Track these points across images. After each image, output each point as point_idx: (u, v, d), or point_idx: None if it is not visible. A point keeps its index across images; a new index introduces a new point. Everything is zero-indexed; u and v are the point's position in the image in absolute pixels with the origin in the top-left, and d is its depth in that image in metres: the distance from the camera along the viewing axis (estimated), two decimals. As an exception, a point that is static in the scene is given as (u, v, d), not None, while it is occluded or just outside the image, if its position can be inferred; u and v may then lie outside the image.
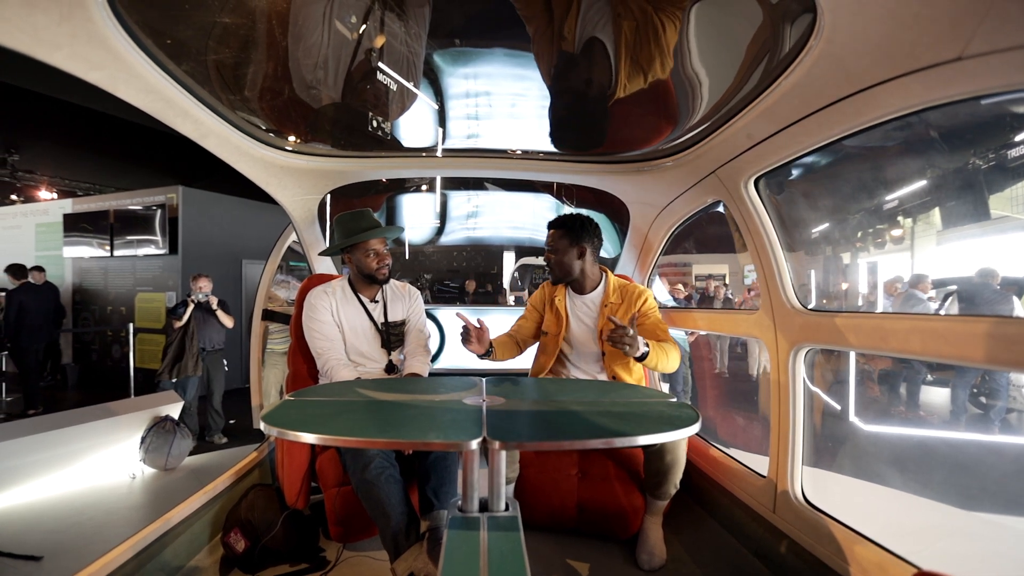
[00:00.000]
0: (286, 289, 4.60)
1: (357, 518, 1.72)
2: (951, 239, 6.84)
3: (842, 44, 0.89)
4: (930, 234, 7.30)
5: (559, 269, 1.97)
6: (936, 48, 0.80)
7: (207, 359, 4.58)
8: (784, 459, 1.53)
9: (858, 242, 7.70)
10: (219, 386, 4.70)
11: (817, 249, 8.03)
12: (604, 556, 1.74)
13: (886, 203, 7.18)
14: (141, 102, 1.14)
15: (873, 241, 7.41)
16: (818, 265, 7.96)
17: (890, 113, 0.96)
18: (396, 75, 1.63)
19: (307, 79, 1.53)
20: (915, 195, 6.76)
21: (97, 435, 3.09)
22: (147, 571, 1.40)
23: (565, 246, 1.95)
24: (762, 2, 1.02)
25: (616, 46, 1.30)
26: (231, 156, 1.61)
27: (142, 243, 6.78)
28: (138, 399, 3.66)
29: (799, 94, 1.08)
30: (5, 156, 8.12)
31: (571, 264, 1.95)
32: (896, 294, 5.83)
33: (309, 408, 1.26)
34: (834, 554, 1.31)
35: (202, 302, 4.42)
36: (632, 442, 1.03)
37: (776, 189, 1.92)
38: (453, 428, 1.10)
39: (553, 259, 1.97)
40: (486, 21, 1.42)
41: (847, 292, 7.76)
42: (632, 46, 1.27)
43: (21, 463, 2.76)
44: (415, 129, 2.05)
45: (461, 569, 0.94)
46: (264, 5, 1.16)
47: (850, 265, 8.04)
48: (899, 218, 7.04)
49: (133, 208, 6.90)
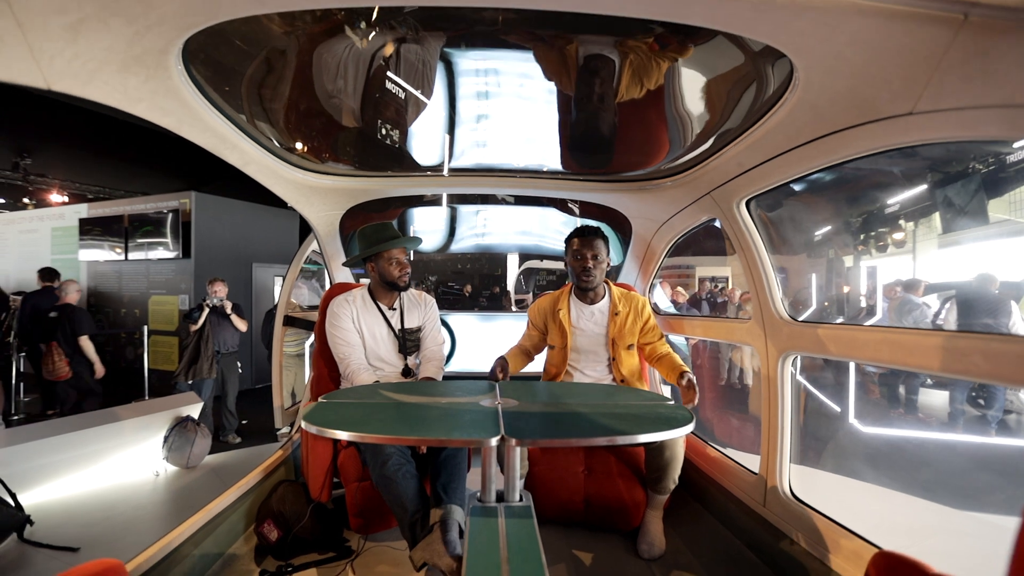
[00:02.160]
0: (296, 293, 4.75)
1: (375, 511, 1.87)
2: (950, 243, 6.98)
3: (816, 94, 1.03)
4: (930, 238, 7.43)
5: (599, 276, 2.02)
6: (893, 104, 0.93)
7: (222, 362, 4.73)
8: (773, 457, 1.66)
9: (860, 245, 7.83)
10: (233, 388, 4.84)
11: (819, 252, 8.18)
12: (608, 546, 1.87)
13: (883, 209, 7.32)
14: (198, 139, 1.30)
15: (875, 244, 7.53)
16: (819, 268, 8.09)
17: (858, 153, 1.10)
18: (412, 94, 1.78)
19: (332, 111, 1.69)
20: (914, 200, 6.89)
21: (123, 435, 3.24)
22: (193, 556, 1.54)
23: (605, 255, 2.02)
24: (745, 51, 1.16)
25: (617, 85, 1.45)
26: (267, 179, 1.77)
27: (156, 247, 6.95)
28: (160, 400, 3.81)
29: (782, 131, 1.22)
30: (18, 160, 8.31)
31: (604, 272, 2.05)
32: (894, 297, 5.94)
33: (342, 410, 1.41)
34: (817, 543, 1.44)
35: (217, 306, 4.56)
36: (633, 440, 1.17)
37: (774, 204, 2.03)
38: (474, 427, 1.24)
39: (596, 266, 2.00)
40: (499, 57, 1.56)
41: (841, 295, 7.89)
42: (632, 85, 1.42)
43: (53, 460, 2.92)
44: (429, 151, 2.20)
45: (484, 553, 1.08)
46: (298, 61, 1.33)
47: (851, 268, 8.18)
48: (900, 222, 7.16)
49: (147, 213, 7.08)
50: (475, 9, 1.13)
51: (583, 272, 2.01)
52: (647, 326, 2.10)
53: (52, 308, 4.75)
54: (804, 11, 0.78)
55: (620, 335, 2.05)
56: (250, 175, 1.65)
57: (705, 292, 8.90)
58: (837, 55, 0.89)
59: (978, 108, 0.81)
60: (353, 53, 1.36)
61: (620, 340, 2.06)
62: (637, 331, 2.08)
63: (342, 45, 1.38)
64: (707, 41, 1.17)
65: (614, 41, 1.24)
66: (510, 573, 1.01)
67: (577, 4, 0.84)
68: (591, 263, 1.99)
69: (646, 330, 2.10)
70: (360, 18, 1.15)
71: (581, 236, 2.03)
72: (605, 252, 2.02)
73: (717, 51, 1.21)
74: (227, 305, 4.61)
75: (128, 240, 7.19)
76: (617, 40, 1.25)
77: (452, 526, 1.58)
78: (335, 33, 1.21)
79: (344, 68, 1.42)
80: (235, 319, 4.68)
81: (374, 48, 1.34)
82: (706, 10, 0.83)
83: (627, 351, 2.07)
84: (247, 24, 0.92)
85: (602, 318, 2.10)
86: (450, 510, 1.66)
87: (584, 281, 2.03)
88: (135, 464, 3.31)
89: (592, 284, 2.03)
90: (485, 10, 1.12)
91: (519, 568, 1.04)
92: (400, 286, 2.08)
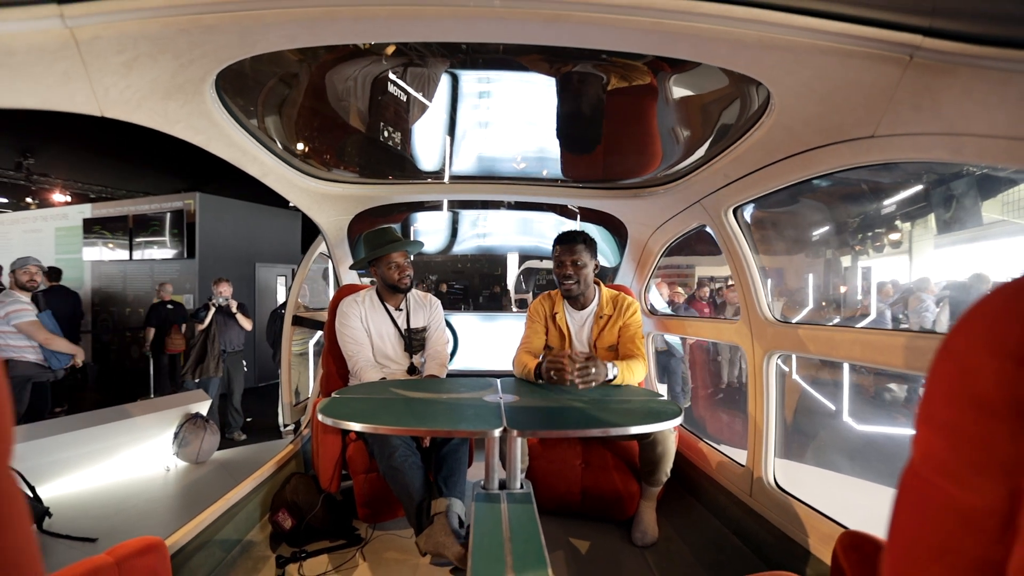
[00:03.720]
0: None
1: (382, 501, 1.98)
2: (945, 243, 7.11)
3: (790, 117, 1.14)
4: (925, 239, 7.55)
5: (584, 282, 2.03)
6: (856, 128, 1.04)
7: (228, 360, 4.82)
8: (759, 450, 1.77)
9: (857, 245, 7.97)
10: (239, 386, 4.94)
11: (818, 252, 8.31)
12: (604, 535, 1.98)
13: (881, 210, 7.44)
14: (224, 153, 1.40)
15: (872, 245, 7.67)
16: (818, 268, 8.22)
17: (828, 169, 1.21)
18: (416, 108, 1.89)
19: (342, 125, 1.81)
20: (910, 200, 7.02)
21: (135, 431, 3.34)
22: (215, 542, 1.64)
23: (588, 260, 2.02)
24: (730, 75, 1.26)
25: (614, 102, 1.56)
26: (283, 188, 1.87)
27: (160, 247, 7.05)
28: (170, 397, 3.91)
29: (762, 148, 1.33)
30: (20, 160, 8.38)
31: (591, 277, 2.06)
32: (913, 298, 6.06)
33: (354, 404, 1.52)
34: (798, 528, 1.55)
35: (223, 306, 4.66)
36: (625, 431, 1.28)
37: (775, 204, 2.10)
38: (478, 419, 1.35)
39: (580, 273, 2.00)
40: (500, 79, 1.67)
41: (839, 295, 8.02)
42: (627, 102, 1.52)
43: (69, 455, 3.02)
44: (433, 159, 2.30)
45: (488, 534, 1.18)
46: (311, 84, 1.45)
47: (848, 268, 8.32)
48: (897, 223, 7.29)
49: (152, 213, 7.17)
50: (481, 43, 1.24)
51: (564, 279, 2.03)
52: (626, 327, 2.07)
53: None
54: (772, 49, 0.89)
55: (600, 336, 2.09)
56: (268, 184, 1.75)
57: (705, 293, 8.97)
58: (806, 85, 0.99)
59: (927, 135, 0.91)
60: (362, 74, 1.47)
61: (600, 341, 2.09)
62: (616, 332, 2.08)
63: (353, 69, 1.49)
64: (695, 67, 1.27)
65: (611, 64, 1.35)
66: (512, 552, 1.11)
67: (575, 40, 0.94)
68: (571, 270, 2.00)
69: (624, 330, 2.08)
70: (375, 49, 1.26)
71: (561, 243, 2.03)
72: (588, 257, 2.01)
73: (704, 75, 1.31)
74: (232, 304, 4.70)
75: (132, 240, 7.28)
76: (613, 65, 1.36)
77: (453, 517, 1.69)
78: (347, 59, 1.33)
79: (353, 88, 1.53)
80: (240, 318, 4.78)
81: (382, 70, 1.45)
82: (690, 47, 0.93)
83: (607, 352, 2.09)
84: (271, 54, 1.02)
85: (588, 320, 2.15)
86: (451, 503, 1.75)
87: (566, 288, 2.05)
88: (147, 459, 3.41)
89: (574, 291, 2.04)
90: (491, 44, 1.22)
91: (520, 548, 1.14)
92: (401, 288, 2.17)
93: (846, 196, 7.79)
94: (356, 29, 0.88)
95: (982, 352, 0.34)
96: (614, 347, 2.10)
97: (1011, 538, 0.32)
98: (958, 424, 0.35)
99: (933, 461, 0.37)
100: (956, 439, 0.35)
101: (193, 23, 0.82)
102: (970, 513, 0.34)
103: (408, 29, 0.89)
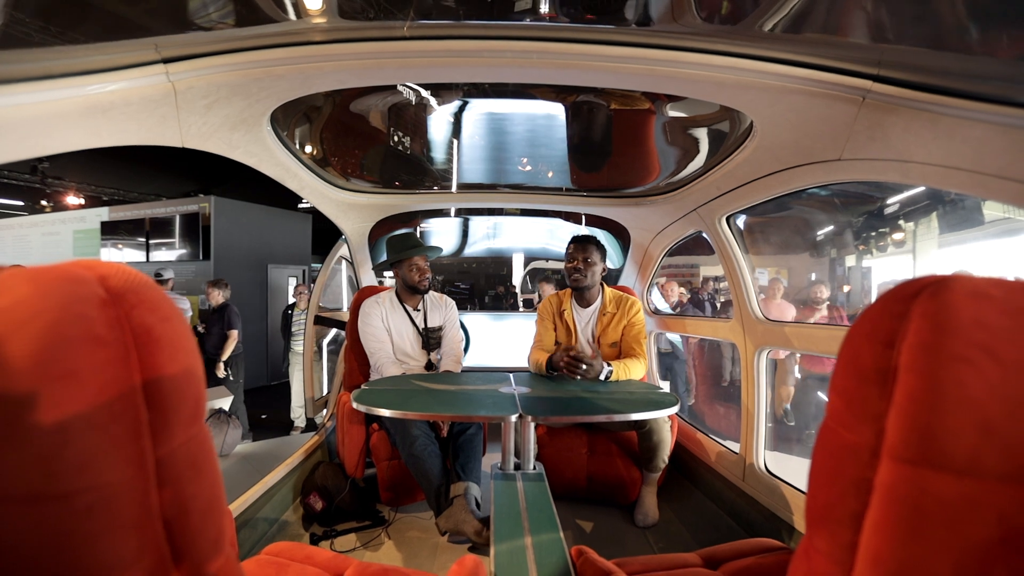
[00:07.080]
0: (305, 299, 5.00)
1: (403, 486, 2.15)
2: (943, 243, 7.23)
3: (769, 140, 1.30)
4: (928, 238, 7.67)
5: (591, 280, 2.18)
6: (825, 152, 1.20)
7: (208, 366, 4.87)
8: (751, 437, 1.93)
9: (861, 245, 8.10)
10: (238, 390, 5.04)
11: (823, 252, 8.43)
12: (608, 517, 2.14)
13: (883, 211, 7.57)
14: (270, 171, 1.59)
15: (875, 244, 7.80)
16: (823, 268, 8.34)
17: (804, 185, 1.38)
18: (431, 128, 2.07)
19: (368, 141, 2.00)
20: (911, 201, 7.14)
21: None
22: (255, 521, 1.82)
23: (598, 259, 2.18)
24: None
25: (616, 123, 1.73)
26: (316, 199, 2.06)
27: (176, 248, 7.27)
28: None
29: (748, 165, 1.49)
30: (36, 163, 8.61)
31: (598, 276, 2.23)
32: None
33: (384, 395, 1.69)
34: (784, 508, 1.71)
35: (203, 310, 4.70)
36: (626, 417, 1.45)
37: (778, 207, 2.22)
38: (496, 407, 1.52)
39: (589, 269, 2.16)
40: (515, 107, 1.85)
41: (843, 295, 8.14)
42: (628, 124, 1.70)
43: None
44: (448, 171, 2.48)
45: (507, 509, 1.35)
46: (343, 114, 1.65)
47: (852, 267, 8.44)
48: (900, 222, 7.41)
49: (168, 216, 7.39)
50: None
51: (574, 271, 2.19)
52: (631, 326, 2.24)
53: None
54: (749, 88, 1.05)
55: (604, 332, 2.25)
56: (303, 196, 1.94)
57: (707, 293, 9.10)
58: (781, 115, 1.16)
59: (881, 160, 1.07)
60: (387, 103, 1.66)
61: (604, 337, 2.25)
62: (620, 329, 2.24)
63: (378, 99, 1.68)
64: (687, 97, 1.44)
65: (612, 95, 1.54)
66: (529, 519, 1.28)
67: (583, 81, 1.11)
68: (582, 264, 2.16)
69: (629, 329, 2.23)
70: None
71: (576, 242, 2.21)
72: (598, 257, 2.18)
73: (697, 102, 1.48)
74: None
75: (149, 242, 7.50)
76: (614, 96, 1.54)
77: (470, 499, 1.86)
78: (377, 91, 1.52)
79: (378, 111, 1.72)
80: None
81: (406, 100, 1.64)
82: (680, 85, 1.10)
83: (611, 348, 2.24)
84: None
85: (592, 318, 2.30)
86: (469, 486, 1.92)
87: (574, 280, 2.21)
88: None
89: (582, 284, 2.20)
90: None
91: (536, 520, 1.31)
92: (421, 289, 2.34)
93: (844, 204, 7.93)
94: (397, 75, 1.05)
95: (865, 339, 0.51)
96: (617, 343, 2.25)
97: (876, 462, 0.49)
98: (849, 388, 0.52)
99: (834, 415, 0.53)
100: (848, 399, 0.52)
101: (266, 73, 0.99)
102: (853, 447, 0.50)
103: (443, 74, 1.06)
